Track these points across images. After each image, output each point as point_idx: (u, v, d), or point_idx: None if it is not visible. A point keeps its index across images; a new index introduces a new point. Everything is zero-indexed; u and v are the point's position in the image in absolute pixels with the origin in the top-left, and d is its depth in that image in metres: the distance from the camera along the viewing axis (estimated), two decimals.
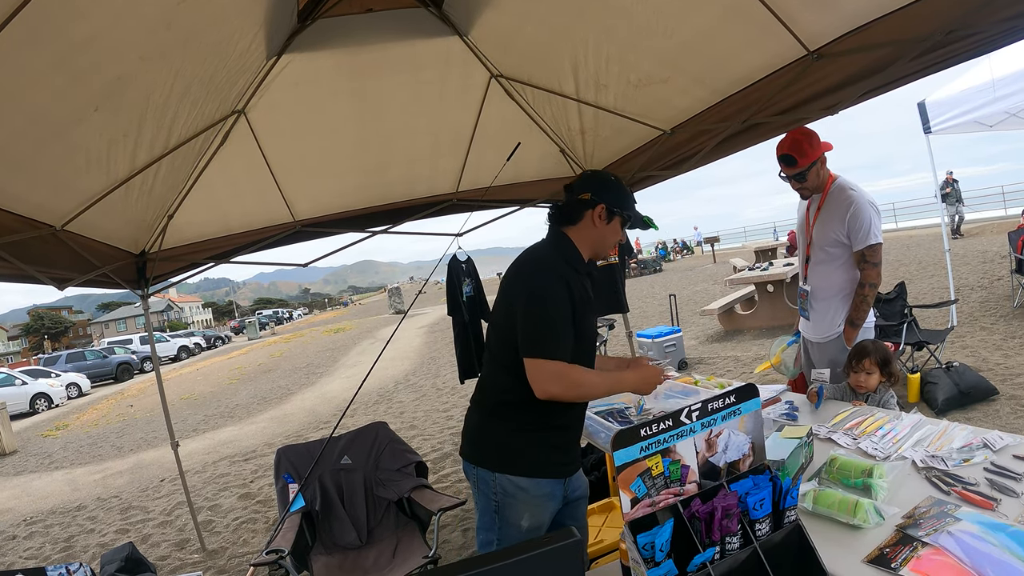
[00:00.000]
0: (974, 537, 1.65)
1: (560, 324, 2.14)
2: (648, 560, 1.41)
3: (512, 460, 2.25)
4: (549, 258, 2.28)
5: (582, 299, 2.22)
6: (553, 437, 2.27)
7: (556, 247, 2.31)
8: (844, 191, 3.31)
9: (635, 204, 2.37)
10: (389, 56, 3.73)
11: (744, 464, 1.64)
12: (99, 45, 2.35)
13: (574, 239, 2.32)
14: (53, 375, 24.94)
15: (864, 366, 3.04)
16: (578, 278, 2.25)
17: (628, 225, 2.36)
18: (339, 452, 4.17)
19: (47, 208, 3.29)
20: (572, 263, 2.28)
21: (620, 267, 6.04)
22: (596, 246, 2.35)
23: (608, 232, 2.32)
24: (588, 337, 2.31)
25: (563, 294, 2.16)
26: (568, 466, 2.34)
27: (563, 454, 2.32)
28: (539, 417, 2.22)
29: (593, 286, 2.38)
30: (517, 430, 2.26)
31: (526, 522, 2.24)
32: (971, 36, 2.61)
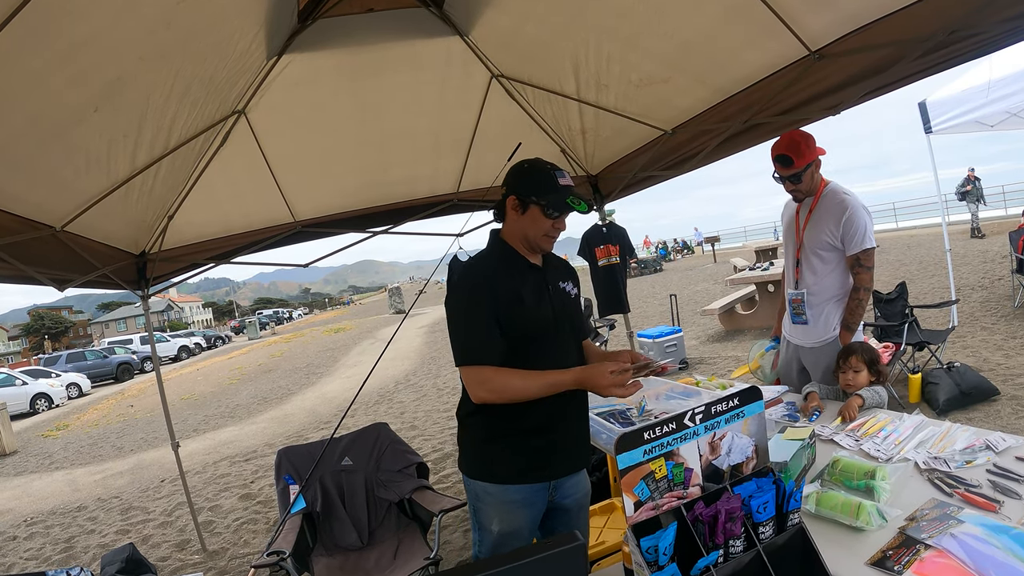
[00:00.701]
0: (977, 539, 1.64)
1: (479, 329, 2.13)
2: (652, 564, 1.40)
3: (480, 467, 2.30)
4: (474, 264, 2.30)
5: (514, 296, 2.16)
6: (523, 443, 2.22)
7: (488, 249, 2.32)
8: (837, 195, 3.29)
9: (555, 187, 2.17)
10: (390, 56, 3.72)
11: (748, 467, 1.63)
12: (99, 45, 2.34)
13: (505, 236, 2.30)
14: (53, 375, 24.94)
15: (851, 364, 3.05)
16: (512, 275, 2.21)
17: (550, 211, 2.16)
18: (340, 453, 4.16)
19: (47, 209, 3.28)
20: (506, 261, 2.25)
21: (622, 267, 6.05)
22: (525, 239, 2.24)
23: (527, 223, 2.20)
24: (535, 333, 2.21)
25: (479, 297, 2.14)
26: (540, 471, 2.25)
27: (535, 459, 2.24)
28: (504, 423, 2.21)
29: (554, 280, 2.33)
30: (486, 439, 2.27)
31: (496, 526, 2.25)
32: (973, 36, 2.61)
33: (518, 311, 2.14)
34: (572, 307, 2.38)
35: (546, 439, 2.23)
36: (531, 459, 2.22)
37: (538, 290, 2.24)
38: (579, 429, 2.37)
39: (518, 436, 2.21)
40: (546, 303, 2.24)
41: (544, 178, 2.18)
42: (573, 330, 2.35)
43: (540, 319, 2.20)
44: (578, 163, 5.38)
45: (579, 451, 2.38)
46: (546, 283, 2.28)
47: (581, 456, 2.39)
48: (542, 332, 2.21)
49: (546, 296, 2.26)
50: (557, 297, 2.30)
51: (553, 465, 2.27)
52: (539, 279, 2.26)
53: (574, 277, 2.48)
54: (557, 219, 2.19)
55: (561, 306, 2.30)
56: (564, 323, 2.29)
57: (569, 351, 2.30)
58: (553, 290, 2.30)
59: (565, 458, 2.31)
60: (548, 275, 2.31)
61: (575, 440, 2.34)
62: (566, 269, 2.47)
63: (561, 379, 2.07)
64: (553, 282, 2.32)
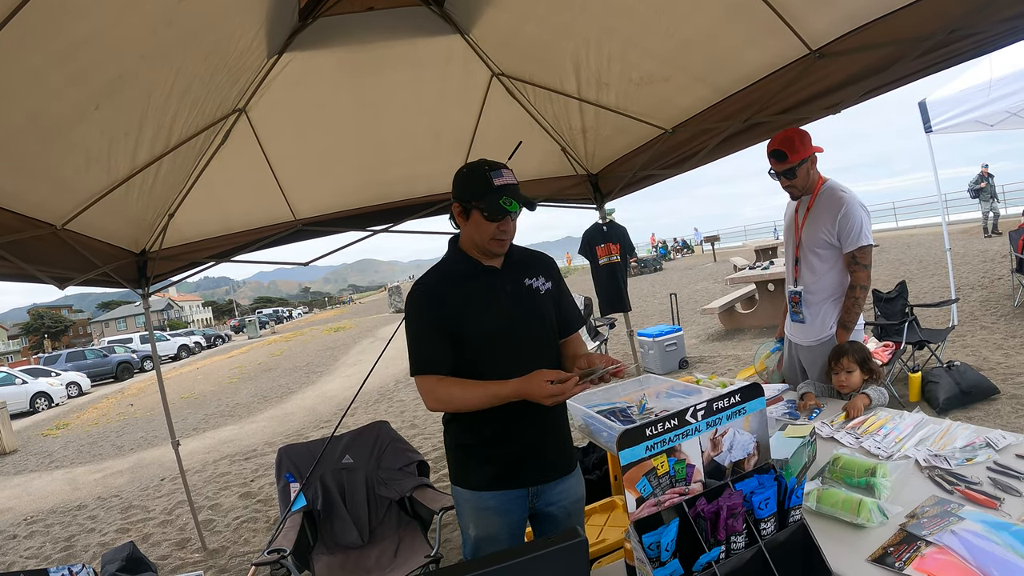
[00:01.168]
0: (978, 536, 1.64)
1: (422, 340, 2.16)
2: (653, 560, 1.40)
3: (455, 472, 2.31)
4: (423, 276, 2.28)
5: (460, 303, 2.15)
6: (487, 452, 2.20)
7: (444, 258, 2.31)
8: (834, 193, 3.28)
9: (490, 189, 2.07)
10: (390, 55, 3.73)
11: (749, 463, 1.63)
12: (100, 43, 2.35)
13: (463, 241, 2.26)
14: (53, 374, 24.92)
15: (843, 365, 3.04)
16: (461, 282, 2.19)
17: (487, 214, 2.09)
18: (340, 451, 4.17)
19: (47, 207, 3.28)
20: (455, 268, 2.24)
21: (622, 266, 6.06)
22: (475, 245, 2.20)
23: (472, 229, 2.16)
24: (488, 337, 2.16)
25: (422, 308, 2.17)
26: (509, 480, 2.21)
27: (503, 468, 2.20)
28: (467, 433, 2.23)
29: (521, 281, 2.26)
30: (456, 446, 2.29)
31: (472, 531, 2.26)
32: (973, 36, 2.61)
33: (466, 318, 2.13)
34: (539, 304, 2.28)
35: (510, 448, 2.19)
36: (499, 467, 2.20)
37: (491, 293, 2.19)
38: (552, 437, 2.29)
39: (481, 445, 2.21)
40: (500, 305, 2.18)
41: (479, 181, 2.11)
42: (543, 328, 2.27)
43: (491, 323, 2.16)
44: (579, 162, 5.39)
45: (554, 459, 2.30)
46: (502, 284, 2.22)
47: (558, 464, 2.31)
48: (496, 335, 2.17)
49: (501, 298, 2.19)
50: (517, 297, 2.23)
51: (523, 474, 2.23)
52: (493, 282, 2.21)
53: (547, 271, 2.37)
54: (500, 221, 2.11)
55: (523, 305, 2.23)
56: (527, 322, 2.22)
57: (537, 350, 2.23)
58: (513, 290, 2.23)
59: (535, 467, 2.24)
60: (506, 276, 2.25)
61: (547, 448, 2.27)
62: (538, 264, 2.36)
63: (501, 391, 2.04)
64: (514, 282, 2.25)
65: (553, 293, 2.35)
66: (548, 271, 2.37)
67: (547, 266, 2.39)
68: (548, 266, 2.40)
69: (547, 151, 5.14)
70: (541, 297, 2.29)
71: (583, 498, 2.42)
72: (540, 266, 2.36)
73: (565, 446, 2.36)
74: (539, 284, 2.30)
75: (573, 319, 2.42)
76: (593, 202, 5.85)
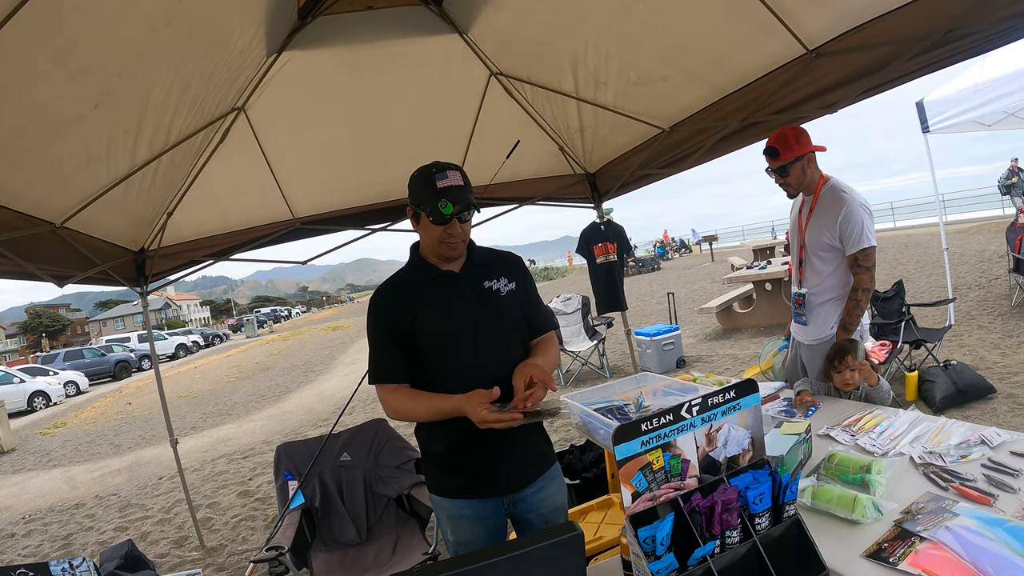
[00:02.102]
0: (972, 532, 1.66)
1: (376, 350, 2.18)
2: (649, 554, 1.42)
3: (428, 479, 2.31)
4: (385, 281, 2.26)
5: (412, 310, 2.10)
6: (452, 461, 2.17)
7: (406, 262, 2.27)
8: (836, 193, 3.26)
9: (433, 191, 2.03)
10: (389, 54, 3.74)
11: (744, 459, 1.64)
12: (100, 42, 2.36)
13: (420, 247, 2.23)
14: (51, 373, 24.89)
15: (847, 363, 3.04)
16: (414, 288, 2.17)
17: (431, 218, 2.04)
18: (339, 449, 4.18)
19: (47, 205, 3.29)
20: (411, 274, 2.21)
21: (619, 265, 6.06)
22: (430, 248, 2.15)
23: (423, 233, 2.13)
24: (442, 342, 2.11)
25: (375, 318, 2.17)
26: (477, 489, 2.17)
27: (469, 477, 2.16)
28: (433, 441, 2.21)
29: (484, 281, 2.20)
30: (425, 454, 2.29)
31: (451, 536, 2.25)
32: (970, 35, 2.62)
33: (420, 325, 2.09)
34: (500, 307, 2.20)
35: (472, 458, 2.15)
36: (466, 477, 2.17)
37: (445, 299, 2.13)
38: (519, 446, 2.19)
39: (445, 454, 2.18)
40: (454, 311, 2.12)
41: (423, 183, 2.07)
42: (502, 331, 2.19)
43: (445, 329, 2.11)
44: (576, 161, 5.40)
45: (523, 468, 2.23)
46: (459, 289, 2.15)
47: (528, 473, 2.23)
48: (449, 342, 2.12)
49: (455, 304, 2.13)
50: (475, 301, 2.16)
51: (490, 484, 2.18)
52: (449, 287, 2.15)
53: (511, 272, 2.27)
54: (445, 225, 2.04)
55: (480, 310, 2.16)
56: (484, 327, 2.14)
57: (499, 355, 2.14)
58: (470, 294, 2.16)
59: (501, 477, 2.18)
60: (464, 279, 2.18)
61: (514, 457, 2.19)
62: (500, 266, 2.28)
63: (443, 406, 2.02)
64: (471, 285, 2.18)
65: (517, 294, 2.26)
66: (511, 272, 2.28)
67: (511, 266, 2.30)
68: (512, 266, 2.31)
69: (545, 150, 5.15)
70: (502, 299, 2.21)
71: (564, 505, 2.38)
72: (503, 267, 2.27)
73: (537, 454, 2.29)
74: (500, 286, 2.22)
75: (540, 321, 2.33)
76: (591, 201, 5.85)
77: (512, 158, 4.08)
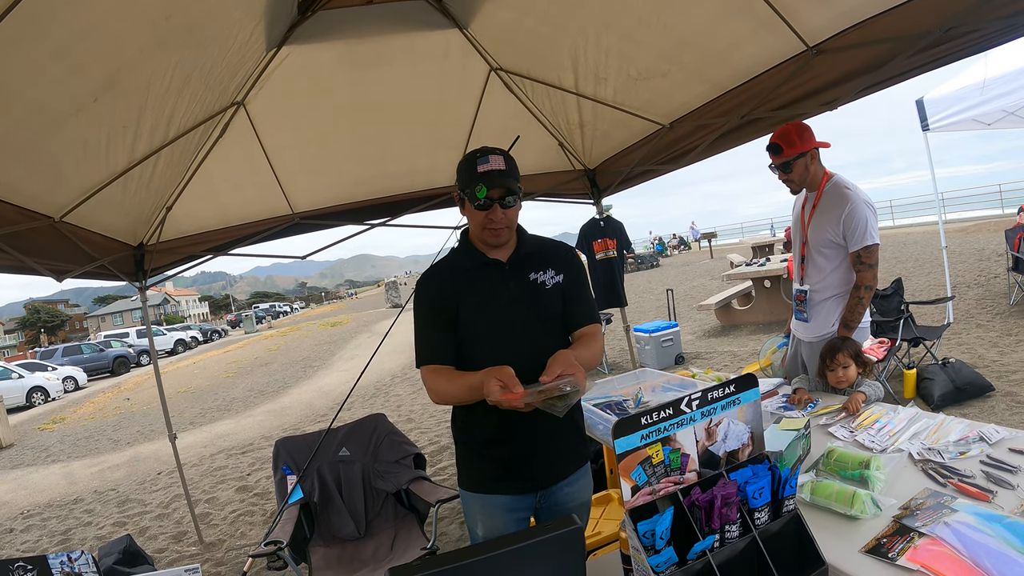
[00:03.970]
0: (970, 528, 1.66)
1: (421, 332, 2.15)
2: (648, 548, 1.42)
3: (460, 472, 2.28)
4: (434, 264, 2.27)
5: (458, 297, 2.10)
6: (485, 453, 2.15)
7: (454, 247, 2.28)
8: (839, 190, 3.25)
9: (474, 175, 2.01)
10: (389, 48, 3.73)
11: (743, 453, 1.65)
12: (99, 35, 2.35)
13: (470, 233, 2.21)
14: (49, 369, 24.85)
15: (839, 361, 3.03)
16: (462, 275, 2.14)
17: (473, 202, 2.03)
18: (337, 444, 4.18)
19: (46, 199, 3.29)
20: (460, 260, 2.19)
21: (619, 261, 6.07)
22: (475, 233, 2.15)
23: (469, 217, 2.12)
24: (484, 332, 2.10)
25: (422, 299, 2.16)
26: (512, 483, 2.14)
27: (501, 471, 2.13)
28: (464, 433, 2.22)
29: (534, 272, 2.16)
30: (459, 442, 2.27)
31: (480, 530, 2.23)
32: (970, 33, 2.62)
33: (463, 312, 2.09)
34: (543, 300, 2.15)
35: (508, 451, 2.12)
36: (500, 469, 2.13)
37: (489, 288, 2.11)
38: (554, 438, 2.16)
39: (479, 446, 2.17)
40: (497, 302, 2.10)
41: (466, 167, 2.06)
42: (542, 325, 2.14)
43: (486, 319, 2.10)
44: (576, 157, 5.39)
45: (556, 461, 2.19)
46: (504, 280, 2.12)
47: (561, 466, 2.20)
48: (489, 333, 2.10)
49: (499, 294, 2.11)
50: (520, 291, 2.12)
51: (525, 477, 2.15)
52: (494, 276, 2.13)
53: (560, 263, 2.22)
54: (488, 209, 2.03)
55: (523, 302, 2.12)
56: (524, 320, 2.11)
57: (536, 347, 2.03)
58: (515, 286, 2.13)
59: (537, 470, 2.15)
60: (511, 269, 2.14)
61: (549, 450, 2.15)
62: (549, 257, 2.23)
63: (472, 381, 1.93)
64: (517, 277, 2.14)
65: (563, 287, 2.20)
66: (560, 263, 2.23)
67: (560, 258, 2.25)
68: (562, 258, 2.25)
69: (545, 146, 5.15)
70: (547, 292, 2.17)
71: (589, 502, 2.37)
72: (551, 258, 2.22)
73: (571, 452, 2.24)
74: (546, 278, 2.18)
75: (581, 314, 2.24)
76: (590, 197, 5.85)
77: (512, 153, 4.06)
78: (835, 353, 3.06)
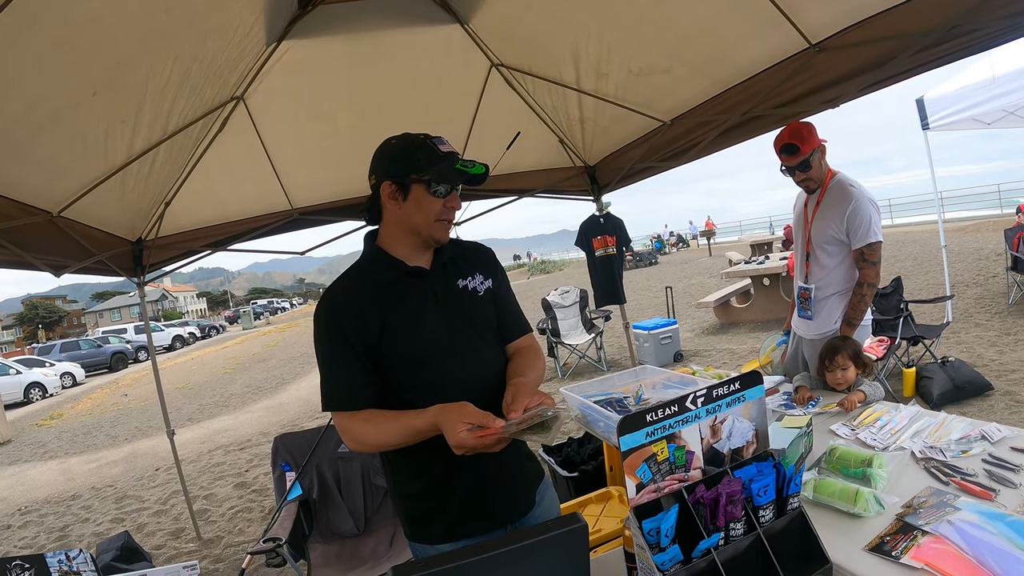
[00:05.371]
0: (974, 526, 1.65)
1: (332, 372, 1.78)
2: (653, 546, 1.41)
3: (408, 527, 1.92)
4: (331, 287, 1.85)
5: (378, 319, 1.74)
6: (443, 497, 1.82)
7: (360, 260, 1.89)
8: (843, 187, 3.24)
9: (437, 156, 1.74)
10: (389, 43, 3.71)
11: (748, 451, 1.64)
12: (98, 29, 2.33)
13: (383, 237, 1.87)
14: (47, 364, 24.87)
15: (838, 362, 3.01)
16: (381, 290, 1.78)
17: (437, 186, 1.75)
18: (336, 440, 4.15)
19: (44, 194, 3.27)
20: (374, 273, 1.82)
21: (618, 259, 6.05)
22: (413, 231, 1.80)
23: (412, 210, 1.76)
24: (417, 355, 1.77)
25: (330, 326, 1.76)
26: (466, 527, 1.82)
27: (459, 515, 1.81)
28: (410, 478, 1.85)
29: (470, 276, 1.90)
30: (402, 497, 1.92)
31: None
32: (973, 32, 2.61)
33: (391, 335, 1.74)
34: (477, 309, 1.90)
35: (460, 491, 1.81)
36: (455, 515, 1.81)
37: (418, 302, 1.80)
38: (509, 467, 1.88)
39: (425, 493, 1.83)
40: (428, 317, 1.79)
41: (421, 150, 1.75)
42: (481, 337, 1.89)
43: (420, 339, 1.77)
44: (576, 153, 5.38)
45: (522, 493, 1.93)
46: (431, 289, 1.83)
47: (526, 497, 1.94)
48: (427, 354, 1.77)
49: (428, 307, 1.81)
50: (448, 303, 1.84)
51: (484, 518, 1.84)
52: (420, 287, 1.82)
53: (486, 267, 1.97)
54: (448, 196, 1.78)
55: (455, 313, 1.84)
56: (461, 334, 1.83)
57: (482, 364, 1.85)
58: (443, 295, 1.84)
59: (495, 508, 1.86)
60: (436, 278, 1.86)
61: (510, 482, 1.89)
62: (474, 260, 1.97)
63: (415, 424, 1.65)
64: (445, 285, 1.87)
65: (494, 292, 1.97)
66: (486, 267, 1.98)
67: (485, 261, 2.00)
68: (486, 261, 2.00)
69: (545, 142, 5.14)
70: (479, 300, 1.91)
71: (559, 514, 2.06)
72: (477, 262, 1.97)
73: (531, 473, 1.99)
74: (475, 284, 1.92)
75: (514, 324, 2.01)
76: (590, 194, 5.84)
77: (512, 150, 4.05)
78: (834, 354, 3.05)
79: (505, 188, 5.45)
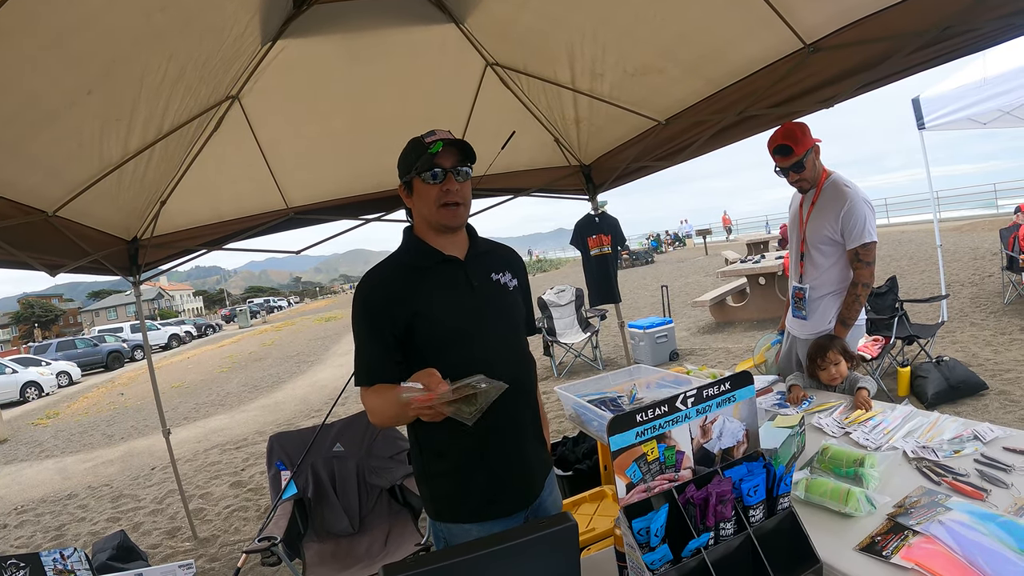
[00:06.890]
0: (965, 526, 1.66)
1: (362, 349, 1.90)
2: (643, 545, 1.42)
3: (438, 506, 1.99)
4: (370, 271, 1.98)
5: (412, 301, 1.86)
6: (470, 478, 1.92)
7: (398, 249, 2.02)
8: (838, 187, 3.25)
9: (422, 148, 1.88)
10: (384, 43, 3.71)
11: (738, 451, 1.65)
12: (93, 27, 2.33)
13: (416, 230, 2.01)
14: (43, 363, 24.77)
15: (830, 359, 3.04)
16: (416, 275, 1.91)
17: (424, 174, 1.87)
18: (332, 439, 4.17)
19: (39, 194, 3.27)
20: (410, 260, 1.95)
21: (613, 257, 6.06)
22: (427, 221, 1.94)
23: (419, 203, 1.92)
24: (447, 338, 1.87)
25: (363, 312, 1.88)
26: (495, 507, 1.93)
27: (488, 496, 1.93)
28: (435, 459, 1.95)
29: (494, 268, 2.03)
30: (430, 474, 1.99)
31: None
32: (968, 32, 2.62)
33: (423, 316, 1.85)
34: (505, 302, 2.03)
35: (484, 474, 1.91)
36: (484, 495, 1.92)
37: (452, 287, 1.93)
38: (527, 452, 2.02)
39: (452, 474, 1.93)
40: (464, 301, 1.92)
41: (414, 149, 1.91)
42: (513, 329, 2.05)
43: (454, 322, 1.88)
44: (572, 153, 5.39)
45: (538, 475, 2.06)
46: (466, 277, 1.95)
47: (539, 480, 2.06)
48: (458, 337, 1.89)
49: (465, 293, 1.93)
50: (482, 291, 1.96)
51: (509, 499, 1.96)
52: (455, 274, 1.95)
53: (515, 267, 2.12)
54: (440, 182, 1.87)
55: (490, 303, 1.97)
56: (495, 323, 1.96)
57: (501, 351, 1.95)
58: (478, 284, 1.96)
59: (519, 489, 1.99)
60: (471, 267, 1.97)
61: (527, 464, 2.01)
62: (505, 258, 2.11)
63: (394, 394, 1.69)
64: (478, 275, 1.98)
65: (517, 292, 2.10)
66: (515, 268, 2.13)
67: (515, 262, 2.15)
68: (516, 262, 2.16)
69: (540, 142, 5.14)
70: (509, 294, 2.05)
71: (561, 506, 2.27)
72: (507, 261, 2.12)
73: (544, 460, 2.12)
74: (507, 280, 2.05)
75: (530, 324, 2.21)
76: (585, 193, 5.85)
77: (507, 149, 4.05)
78: (824, 352, 3.07)
79: (501, 187, 5.45)
